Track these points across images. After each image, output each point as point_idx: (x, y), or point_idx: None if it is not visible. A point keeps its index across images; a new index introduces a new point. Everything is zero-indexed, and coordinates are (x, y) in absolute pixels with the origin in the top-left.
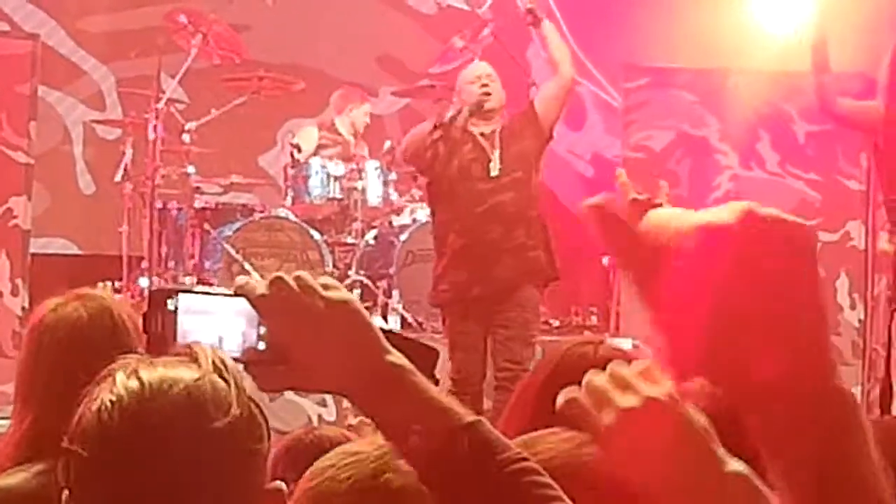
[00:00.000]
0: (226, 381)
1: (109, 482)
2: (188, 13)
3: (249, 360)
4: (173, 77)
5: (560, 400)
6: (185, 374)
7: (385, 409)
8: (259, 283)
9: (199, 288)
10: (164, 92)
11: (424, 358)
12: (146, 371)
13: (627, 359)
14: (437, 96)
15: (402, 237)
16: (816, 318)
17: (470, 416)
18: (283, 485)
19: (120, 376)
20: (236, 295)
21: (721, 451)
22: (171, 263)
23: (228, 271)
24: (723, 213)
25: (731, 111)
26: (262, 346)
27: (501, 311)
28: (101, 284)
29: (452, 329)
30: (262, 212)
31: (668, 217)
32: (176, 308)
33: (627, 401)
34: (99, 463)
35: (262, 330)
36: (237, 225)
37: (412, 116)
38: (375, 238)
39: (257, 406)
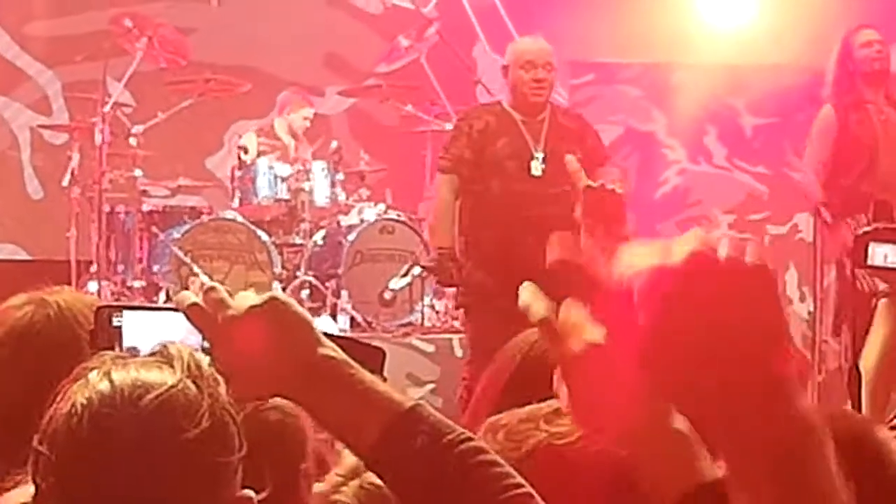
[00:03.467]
0: (199, 387)
1: (73, 487)
2: (133, 17)
3: None
4: (119, 81)
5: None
6: (159, 378)
7: (323, 404)
8: (188, 294)
9: (144, 303)
10: (110, 96)
11: (371, 359)
12: (119, 373)
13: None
14: (383, 95)
15: (350, 237)
16: (777, 358)
17: (410, 402)
18: (251, 493)
19: (93, 377)
20: (179, 309)
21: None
22: (120, 267)
23: (177, 274)
24: (674, 254)
25: (677, 106)
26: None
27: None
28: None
29: (471, 329)
30: (209, 214)
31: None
32: (121, 324)
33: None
34: (64, 467)
35: (207, 343)
36: (185, 227)
37: (359, 116)
38: (324, 238)
39: (231, 416)
